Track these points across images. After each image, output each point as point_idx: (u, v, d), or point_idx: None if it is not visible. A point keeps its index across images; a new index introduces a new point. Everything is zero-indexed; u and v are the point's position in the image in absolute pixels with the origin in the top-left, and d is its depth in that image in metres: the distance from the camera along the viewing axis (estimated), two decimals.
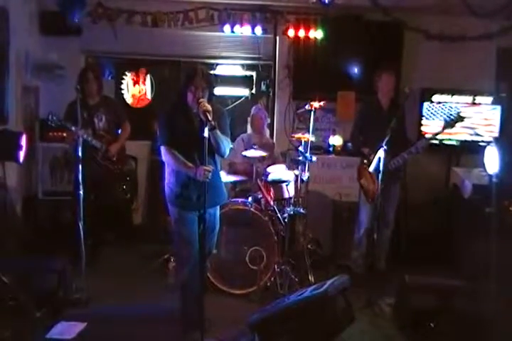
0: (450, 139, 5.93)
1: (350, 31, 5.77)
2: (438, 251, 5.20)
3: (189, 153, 3.52)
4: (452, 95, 5.96)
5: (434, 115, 5.97)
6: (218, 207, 3.85)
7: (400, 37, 5.91)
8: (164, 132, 3.57)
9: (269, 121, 5.86)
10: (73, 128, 4.48)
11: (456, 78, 5.93)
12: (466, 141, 5.97)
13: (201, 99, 3.39)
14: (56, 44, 5.82)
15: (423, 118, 5.96)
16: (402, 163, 4.72)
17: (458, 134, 5.91)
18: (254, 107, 5.68)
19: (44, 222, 5.70)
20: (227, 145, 3.61)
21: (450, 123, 4.48)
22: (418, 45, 6.03)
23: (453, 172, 5.80)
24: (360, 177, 4.92)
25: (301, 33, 5.85)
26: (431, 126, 5.93)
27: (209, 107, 3.32)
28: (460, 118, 4.49)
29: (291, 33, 5.88)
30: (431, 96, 5.97)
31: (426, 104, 5.97)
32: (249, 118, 5.67)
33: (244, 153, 4.92)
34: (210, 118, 3.27)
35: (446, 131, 4.53)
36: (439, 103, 5.96)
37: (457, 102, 5.96)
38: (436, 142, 5.66)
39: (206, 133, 3.25)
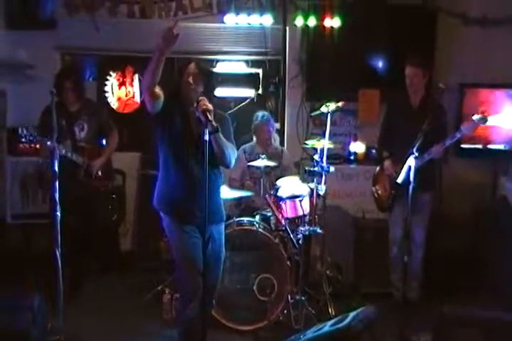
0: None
1: (373, 18, 5.81)
2: (482, 276, 5.22)
3: (185, 159, 3.61)
4: None
5: None
6: (223, 232, 3.90)
7: (433, 23, 5.93)
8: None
9: (278, 126, 5.92)
10: (48, 143, 4.35)
11: (503, 71, 5.94)
12: None
13: (201, 98, 3.49)
14: (25, 40, 5.90)
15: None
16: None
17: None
18: (258, 115, 5.54)
19: (14, 251, 5.75)
20: (232, 153, 3.70)
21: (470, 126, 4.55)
22: (455, 32, 6.05)
23: (501, 183, 5.83)
24: (375, 184, 5.14)
25: (315, 22, 5.92)
26: None
27: (210, 106, 3.41)
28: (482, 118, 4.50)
29: (302, 21, 5.96)
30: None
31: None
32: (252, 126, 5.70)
33: (250, 163, 5.00)
34: (210, 118, 3.35)
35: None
36: None
37: None
38: (479, 146, 5.70)
39: (207, 137, 3.32)
